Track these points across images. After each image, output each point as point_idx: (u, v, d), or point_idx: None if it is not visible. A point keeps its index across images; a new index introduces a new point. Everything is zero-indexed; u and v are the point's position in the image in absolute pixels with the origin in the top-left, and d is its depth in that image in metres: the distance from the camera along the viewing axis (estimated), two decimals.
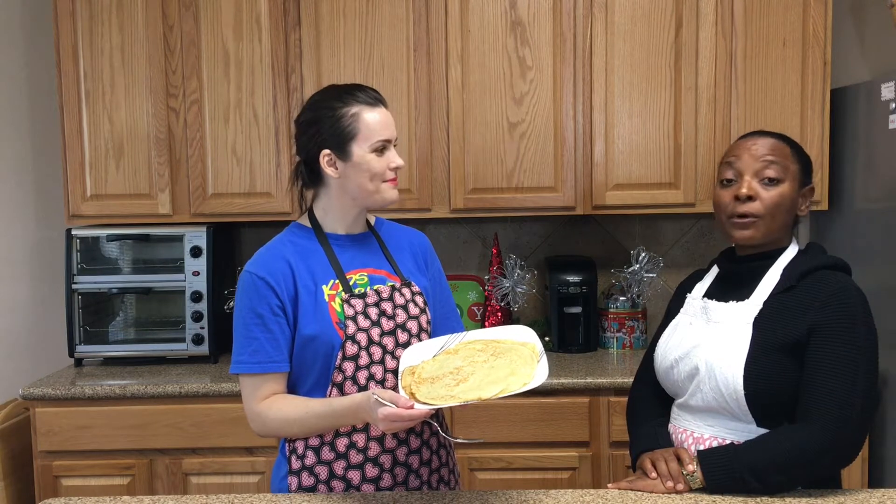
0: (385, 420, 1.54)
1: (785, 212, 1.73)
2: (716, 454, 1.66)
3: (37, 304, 3.41)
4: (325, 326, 1.74)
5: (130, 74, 3.01)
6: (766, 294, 1.71)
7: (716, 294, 1.81)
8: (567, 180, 3.00)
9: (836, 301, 1.64)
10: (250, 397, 1.76)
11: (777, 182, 1.71)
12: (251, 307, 1.74)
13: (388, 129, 1.79)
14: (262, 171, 3.02)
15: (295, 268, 1.77)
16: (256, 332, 1.74)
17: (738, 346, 1.68)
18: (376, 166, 1.77)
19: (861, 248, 2.88)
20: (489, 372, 1.62)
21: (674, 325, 1.87)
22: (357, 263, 1.83)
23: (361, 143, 1.75)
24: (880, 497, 1.64)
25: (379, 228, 1.94)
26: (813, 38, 2.91)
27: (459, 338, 1.76)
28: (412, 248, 1.94)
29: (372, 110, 1.77)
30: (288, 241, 1.82)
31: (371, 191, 1.78)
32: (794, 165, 1.74)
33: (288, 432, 1.76)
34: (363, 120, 1.76)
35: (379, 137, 1.76)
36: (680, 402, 1.80)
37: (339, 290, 1.77)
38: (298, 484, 1.78)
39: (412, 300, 1.83)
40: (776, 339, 1.65)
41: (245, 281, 1.77)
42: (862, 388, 1.60)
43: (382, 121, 1.77)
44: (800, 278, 1.69)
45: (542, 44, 2.96)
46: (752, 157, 1.73)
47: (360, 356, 1.75)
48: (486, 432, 2.75)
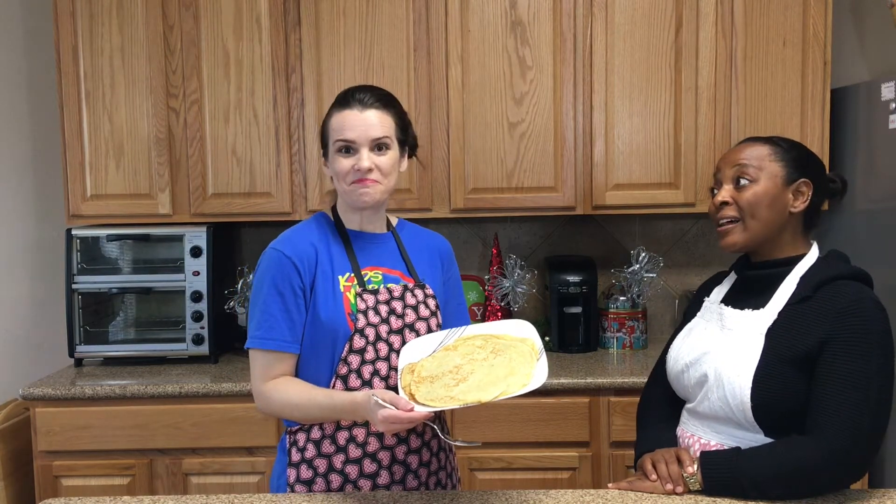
0: (384, 422, 1.55)
1: (766, 209, 1.71)
2: (718, 458, 1.64)
3: (37, 304, 3.41)
4: (337, 314, 1.76)
5: (130, 74, 3.01)
6: (782, 304, 1.68)
7: (732, 300, 1.78)
8: (567, 180, 3.00)
9: (851, 314, 1.59)
10: (259, 375, 1.77)
11: (749, 183, 1.71)
12: (273, 284, 1.76)
13: (353, 131, 1.75)
14: (262, 171, 3.02)
15: (319, 252, 1.79)
16: (274, 309, 1.75)
17: (748, 357, 1.65)
18: (338, 167, 1.78)
19: (861, 248, 2.88)
20: (489, 371, 1.62)
21: (689, 328, 1.86)
22: (373, 261, 1.85)
23: (331, 144, 1.80)
24: (880, 497, 1.64)
25: (400, 231, 1.95)
26: (813, 38, 2.91)
27: (458, 333, 1.76)
28: (431, 251, 1.95)
29: (340, 111, 1.79)
30: (315, 227, 1.85)
31: (345, 191, 1.80)
32: (774, 164, 1.72)
33: (289, 415, 1.78)
34: (331, 121, 1.80)
35: (338, 137, 1.77)
36: (689, 408, 1.79)
37: (353, 283, 1.79)
38: (297, 476, 1.79)
39: (424, 302, 1.84)
40: (788, 351, 1.62)
41: (271, 258, 1.78)
42: (874, 404, 1.55)
43: (346, 122, 1.76)
44: (816, 289, 1.65)
45: (542, 44, 2.96)
46: (728, 165, 1.75)
47: (366, 350, 1.76)
48: (486, 432, 2.75)
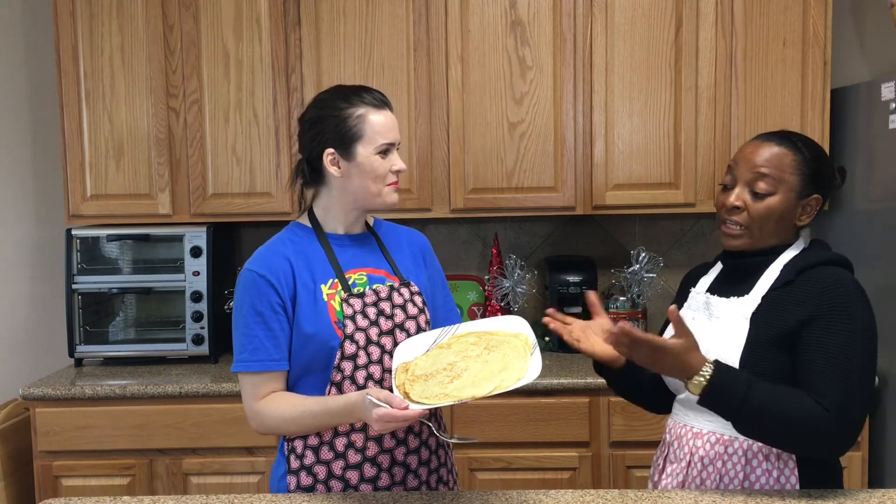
0: (379, 421, 1.54)
1: (775, 223, 1.72)
2: (732, 374, 1.60)
3: (37, 304, 3.41)
4: (323, 325, 1.74)
5: (130, 74, 3.01)
6: (765, 289, 1.71)
7: (718, 289, 1.80)
8: (567, 180, 3.00)
9: (830, 294, 1.63)
10: (250, 395, 1.76)
11: (766, 196, 1.70)
12: (252, 305, 1.75)
13: (393, 133, 1.80)
14: (262, 171, 3.02)
15: (295, 266, 1.77)
16: (257, 331, 1.74)
17: (734, 342, 1.68)
18: (380, 168, 1.78)
19: (861, 248, 2.88)
20: (483, 367, 1.61)
21: None
22: (356, 263, 1.83)
23: (366, 145, 1.77)
24: (880, 497, 1.64)
25: (378, 229, 1.94)
26: (813, 38, 2.91)
27: (452, 331, 1.75)
28: (411, 247, 1.95)
29: (378, 113, 1.78)
30: (288, 240, 1.83)
31: (373, 193, 1.79)
32: (793, 177, 1.71)
33: (286, 430, 1.77)
34: (369, 122, 1.77)
35: (384, 140, 1.77)
36: (681, 398, 1.80)
37: (338, 290, 1.77)
38: (297, 484, 1.78)
39: (411, 300, 1.83)
40: (771, 333, 1.65)
41: (245, 279, 1.77)
42: (859, 372, 1.58)
43: (387, 124, 1.79)
44: (798, 274, 1.69)
45: (542, 44, 2.96)
46: (748, 165, 1.72)
47: (358, 356, 1.75)
48: (485, 432, 2.75)
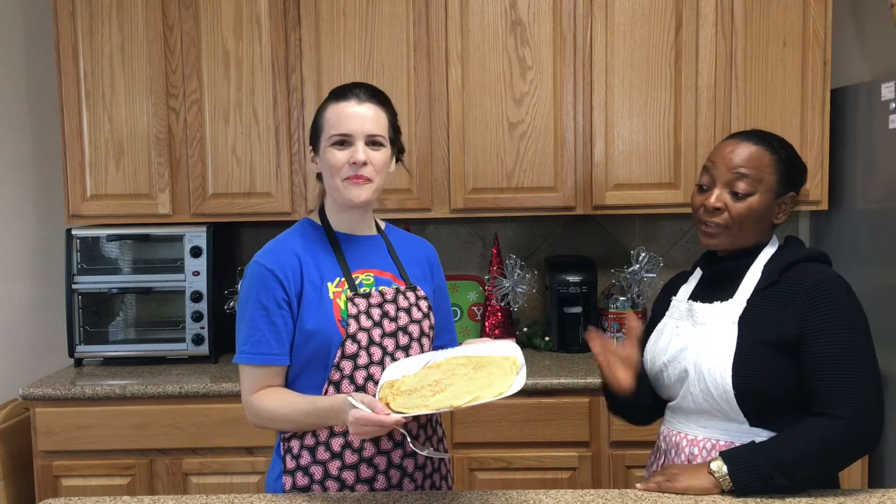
0: (355, 423, 1.54)
1: (754, 222, 1.73)
2: (740, 454, 1.63)
3: (37, 304, 3.41)
4: (326, 322, 1.74)
5: (130, 74, 3.01)
6: (749, 292, 1.72)
7: (700, 296, 1.81)
8: (567, 180, 3.00)
9: (820, 295, 1.64)
10: (247, 388, 1.77)
11: (746, 196, 1.71)
12: (257, 298, 1.75)
13: (348, 124, 1.74)
14: (262, 171, 3.02)
15: (303, 262, 1.77)
16: (260, 324, 1.74)
17: (724, 346, 1.68)
18: (332, 160, 1.75)
19: (861, 248, 2.88)
20: (468, 383, 1.60)
21: (659, 328, 1.87)
22: (364, 264, 1.83)
23: (324, 138, 1.77)
24: (880, 497, 1.64)
25: (389, 234, 1.94)
26: (813, 38, 2.91)
27: (444, 355, 1.74)
28: (419, 256, 1.95)
29: (337, 104, 1.77)
30: (298, 235, 1.83)
31: (332, 187, 1.78)
32: (771, 176, 1.72)
33: (277, 425, 1.78)
34: (326, 113, 1.78)
35: (334, 131, 1.75)
36: (672, 405, 1.80)
37: (344, 288, 1.77)
38: (293, 484, 1.78)
39: (416, 304, 1.84)
40: (762, 336, 1.66)
41: (253, 271, 1.77)
42: (869, 375, 1.61)
43: (343, 114, 1.75)
44: (780, 273, 1.70)
45: (542, 44, 2.96)
46: (727, 166, 1.72)
47: (359, 355, 1.75)
48: (485, 432, 2.75)
